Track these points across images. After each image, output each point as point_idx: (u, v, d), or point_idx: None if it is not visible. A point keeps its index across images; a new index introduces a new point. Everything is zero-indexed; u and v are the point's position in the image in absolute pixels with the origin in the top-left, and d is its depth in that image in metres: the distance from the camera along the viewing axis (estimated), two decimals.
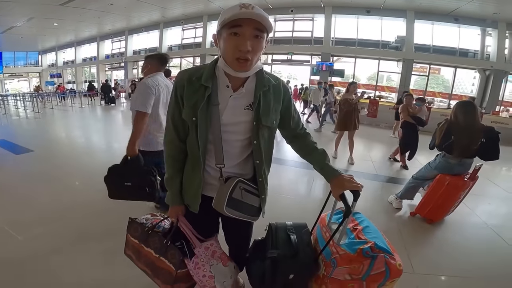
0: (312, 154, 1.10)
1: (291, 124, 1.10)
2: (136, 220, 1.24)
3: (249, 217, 1.09)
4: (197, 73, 0.93)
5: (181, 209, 1.11)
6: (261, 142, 0.99)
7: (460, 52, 12.45)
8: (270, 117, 0.97)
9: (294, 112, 1.10)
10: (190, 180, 1.04)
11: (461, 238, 2.38)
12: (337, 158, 4.67)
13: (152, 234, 1.17)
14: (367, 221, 1.14)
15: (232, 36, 0.81)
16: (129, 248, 1.26)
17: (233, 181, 0.97)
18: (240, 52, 0.82)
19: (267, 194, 1.13)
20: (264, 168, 1.07)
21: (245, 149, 1.02)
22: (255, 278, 1.22)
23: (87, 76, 23.35)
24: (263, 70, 0.97)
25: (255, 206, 1.09)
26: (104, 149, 5.34)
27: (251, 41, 0.81)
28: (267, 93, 0.96)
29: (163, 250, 1.12)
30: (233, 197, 0.98)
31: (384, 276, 0.91)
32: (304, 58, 14.43)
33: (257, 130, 0.96)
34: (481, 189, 3.42)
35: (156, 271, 1.16)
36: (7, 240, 2.02)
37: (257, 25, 0.81)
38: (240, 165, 1.04)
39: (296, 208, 2.72)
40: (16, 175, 3.52)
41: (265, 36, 0.85)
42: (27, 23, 14.25)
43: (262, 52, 0.90)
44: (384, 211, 2.84)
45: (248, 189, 1.03)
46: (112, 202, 2.71)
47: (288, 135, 1.15)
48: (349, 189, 0.97)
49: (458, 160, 2.44)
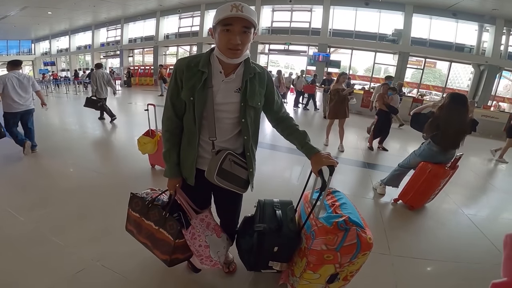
0: (294, 134, 1.24)
1: (274, 107, 1.24)
2: (137, 195, 1.34)
3: (237, 188, 1.22)
4: (194, 60, 1.10)
5: (178, 181, 1.23)
6: (248, 121, 1.14)
7: (456, 46, 12.51)
8: (255, 99, 1.13)
9: (277, 97, 1.26)
10: (187, 154, 1.18)
11: (437, 224, 2.52)
12: (328, 145, 4.80)
13: (152, 207, 1.28)
14: (345, 199, 1.27)
15: (225, 32, 0.98)
16: (130, 223, 1.36)
17: (223, 153, 1.12)
18: (231, 44, 0.98)
19: (255, 168, 1.26)
20: (252, 144, 1.21)
21: (235, 126, 1.17)
22: (243, 252, 1.35)
23: (81, 64, 23.00)
24: (250, 60, 1.13)
25: (243, 178, 1.22)
26: (97, 133, 5.41)
27: (240, 36, 0.98)
28: (253, 79, 1.13)
29: (162, 222, 1.23)
30: (223, 167, 1.12)
31: (356, 248, 1.03)
32: (301, 48, 14.38)
33: (245, 110, 1.12)
34: (462, 178, 3.59)
35: (155, 243, 1.27)
36: (10, 221, 2.11)
37: (245, 23, 0.97)
38: (231, 141, 1.19)
39: (285, 190, 2.85)
40: (15, 160, 3.60)
41: (252, 30, 1.01)
42: (20, 12, 13.93)
43: (253, 41, 1.07)
44: (369, 196, 2.99)
45: (237, 161, 1.18)
46: (108, 184, 2.86)
47: (272, 118, 1.29)
48: (325, 165, 1.10)
49: (440, 149, 2.55)
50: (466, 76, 13.64)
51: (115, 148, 4.37)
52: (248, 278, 1.66)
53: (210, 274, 1.65)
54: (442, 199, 2.91)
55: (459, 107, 2.49)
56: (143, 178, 3.05)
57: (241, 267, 1.54)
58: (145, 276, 1.63)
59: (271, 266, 1.31)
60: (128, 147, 3.91)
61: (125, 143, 4.51)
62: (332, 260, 1.06)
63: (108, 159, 3.89)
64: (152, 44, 17.22)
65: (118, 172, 3.23)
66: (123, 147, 4.24)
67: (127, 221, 1.38)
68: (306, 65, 14.06)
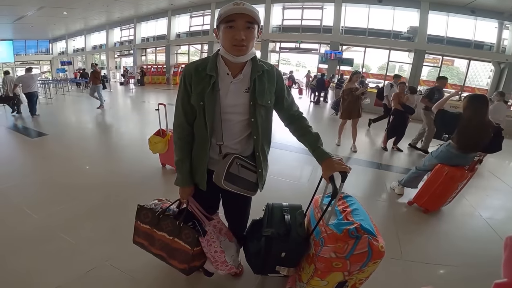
0: (306, 136, 1.19)
1: (284, 104, 1.20)
2: (145, 207, 1.31)
3: (245, 191, 1.19)
4: (202, 64, 1.09)
5: (191, 190, 1.21)
6: (258, 120, 1.12)
7: (475, 44, 12.01)
8: (265, 97, 1.10)
9: (287, 95, 1.21)
10: (199, 159, 1.16)
11: (453, 228, 2.43)
12: (340, 145, 4.72)
13: (164, 217, 1.25)
14: (357, 204, 1.22)
15: (228, 29, 0.97)
16: (140, 235, 1.33)
17: (230, 157, 1.10)
18: (236, 40, 0.97)
19: (265, 168, 1.23)
20: (262, 143, 1.18)
21: (245, 128, 1.15)
22: (251, 255, 1.33)
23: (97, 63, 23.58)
24: (257, 58, 1.11)
25: (252, 181, 1.19)
26: (113, 132, 5.52)
27: (244, 31, 0.96)
28: (261, 77, 1.10)
29: (177, 232, 1.21)
30: (231, 171, 1.10)
31: (367, 256, 0.99)
32: (313, 46, 14.20)
33: (254, 109, 1.09)
34: (481, 181, 3.45)
35: (171, 253, 1.24)
36: (24, 219, 2.17)
37: (248, 18, 0.95)
38: (242, 143, 1.16)
39: (295, 192, 2.81)
40: (33, 158, 3.72)
41: (256, 27, 0.99)
42: (37, 12, 14.36)
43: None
44: (383, 198, 2.92)
45: (245, 164, 1.15)
46: (119, 183, 2.90)
47: (284, 117, 1.25)
48: (338, 171, 1.05)
49: (460, 152, 2.43)
50: (486, 74, 13.10)
51: (127, 146, 4.44)
52: (255, 282, 1.65)
53: (217, 275, 1.64)
54: (458, 201, 2.80)
55: (479, 106, 2.37)
56: (154, 178, 3.09)
57: (248, 270, 1.52)
58: (152, 277, 1.64)
59: (278, 271, 1.29)
60: (140, 146, 3.96)
61: (137, 141, 4.57)
62: (341, 268, 1.02)
63: (120, 157, 3.96)
64: (164, 43, 17.43)
65: (130, 171, 3.28)
66: (136, 146, 4.29)
67: (134, 234, 1.35)
68: (318, 63, 13.89)
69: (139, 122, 6.54)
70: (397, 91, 4.78)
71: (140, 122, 6.54)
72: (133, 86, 15.33)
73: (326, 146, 1.15)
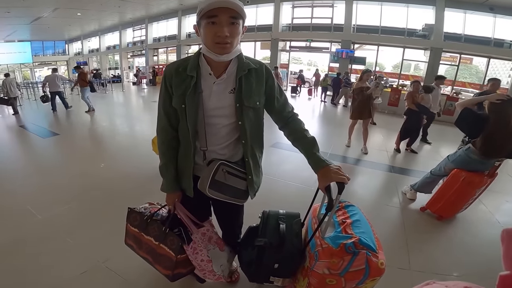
0: (300, 140, 1.09)
1: (276, 105, 1.10)
2: (134, 210, 1.29)
3: (234, 199, 1.12)
4: (183, 64, 1.01)
5: (177, 195, 1.16)
6: (246, 122, 1.03)
7: (495, 42, 11.46)
8: (252, 98, 1.01)
9: (279, 94, 1.11)
10: (184, 164, 1.10)
11: (468, 236, 2.27)
12: (350, 147, 4.56)
13: (151, 222, 1.22)
14: (359, 215, 1.12)
15: (210, 25, 0.88)
16: (130, 237, 1.32)
17: (215, 164, 1.02)
18: (219, 37, 0.88)
19: (256, 174, 1.15)
20: (252, 148, 1.09)
21: (233, 131, 1.06)
22: (244, 264, 1.26)
23: (111, 64, 24.13)
24: (243, 55, 1.02)
25: (241, 188, 1.12)
26: (125, 132, 5.57)
27: (227, 27, 0.88)
28: (248, 76, 1.01)
29: (162, 237, 1.18)
30: (216, 179, 1.02)
31: (363, 274, 0.90)
32: (324, 45, 13.95)
33: (241, 111, 1.01)
34: (501, 185, 3.22)
35: (157, 258, 1.22)
36: (28, 220, 2.18)
37: (232, 13, 0.87)
38: (229, 148, 1.08)
39: (302, 197, 2.67)
40: (43, 157, 3.79)
41: (241, 22, 0.91)
42: (52, 13, 14.76)
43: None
44: (393, 203, 2.77)
45: (232, 171, 1.06)
46: (126, 183, 2.88)
47: (277, 119, 1.15)
48: (334, 181, 0.95)
49: (481, 158, 2.23)
50: (506, 72, 12.47)
51: (134, 147, 4.45)
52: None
53: (210, 281, 1.58)
54: (475, 207, 2.62)
55: (507, 109, 2.13)
56: (158, 179, 3.02)
57: (244, 277, 1.46)
58: (146, 280, 1.61)
59: (272, 281, 1.21)
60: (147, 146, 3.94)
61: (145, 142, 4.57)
62: (335, 285, 0.93)
63: (127, 158, 3.94)
64: (175, 43, 17.60)
65: (135, 171, 3.27)
66: (143, 146, 4.28)
67: (126, 236, 1.34)
68: (329, 62, 13.64)
69: (148, 122, 6.57)
70: (411, 90, 4.56)
71: (149, 122, 6.57)
72: (145, 86, 15.57)
73: (336, 147, 1.05)
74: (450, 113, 7.95)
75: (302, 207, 1.37)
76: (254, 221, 1.34)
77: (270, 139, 3.62)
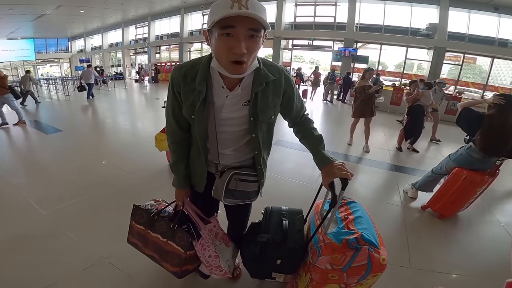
0: (308, 138, 1.11)
1: (293, 113, 1.09)
2: (140, 207, 1.28)
3: (246, 200, 1.14)
4: (191, 71, 0.91)
5: (186, 192, 1.17)
6: (259, 135, 1.00)
7: (499, 42, 11.39)
8: (267, 113, 0.95)
9: (298, 102, 1.07)
10: (196, 162, 1.10)
11: (469, 235, 2.28)
12: (352, 145, 4.56)
13: (158, 219, 1.22)
14: (361, 211, 1.13)
15: (224, 37, 0.74)
16: (134, 235, 1.31)
17: (228, 174, 1.03)
18: (235, 55, 0.75)
19: (265, 176, 1.16)
20: (263, 155, 1.09)
21: (244, 137, 1.04)
22: (247, 260, 1.27)
23: (113, 61, 24.18)
24: (261, 67, 0.90)
25: (252, 191, 1.13)
26: (128, 129, 5.59)
27: (245, 42, 0.74)
28: (266, 90, 0.92)
29: (170, 234, 1.17)
30: (230, 188, 1.04)
31: (365, 269, 0.91)
32: (326, 43, 13.91)
33: (255, 125, 0.96)
34: (502, 185, 3.22)
35: (164, 255, 1.21)
36: (32, 215, 2.20)
37: (253, 24, 0.72)
38: (239, 150, 1.07)
39: (304, 194, 2.69)
40: (46, 153, 3.81)
41: (262, 34, 0.77)
42: (55, 11, 14.80)
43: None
44: (394, 202, 2.78)
45: (243, 178, 1.07)
46: (129, 180, 2.91)
47: (289, 120, 1.17)
48: (338, 177, 0.96)
49: (482, 156, 2.24)
50: (509, 72, 12.41)
51: (137, 144, 4.47)
52: (252, 285, 1.59)
53: (213, 277, 1.60)
54: (476, 206, 2.62)
55: (506, 106, 2.13)
56: (161, 176, 3.06)
57: (246, 273, 1.47)
58: (149, 276, 1.62)
59: (274, 277, 1.23)
60: (150, 143, 3.96)
61: (147, 139, 4.60)
62: (337, 280, 0.95)
63: (129, 155, 3.94)
64: (177, 41, 17.60)
65: (138, 168, 3.27)
66: (145, 143, 4.30)
67: (129, 234, 1.33)
68: (332, 60, 13.59)
69: (151, 119, 6.61)
70: (409, 90, 4.59)
71: (152, 119, 6.60)
72: (148, 83, 15.61)
73: (338, 145, 1.06)
74: (452, 112, 7.92)
75: (304, 204, 1.38)
76: (257, 217, 1.36)
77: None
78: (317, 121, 7.25)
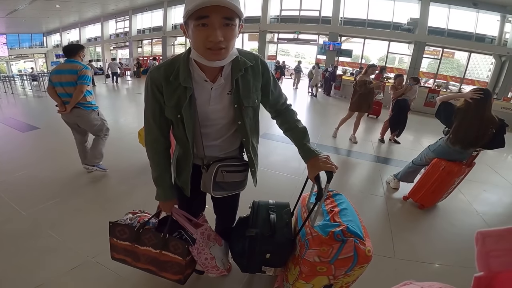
0: (292, 131, 1.10)
1: (270, 98, 1.08)
2: (118, 223, 1.21)
3: (234, 191, 1.13)
4: (171, 69, 0.91)
5: (174, 202, 1.15)
6: (246, 122, 1.01)
7: (477, 37, 11.89)
8: (251, 97, 0.98)
9: (274, 87, 1.07)
10: (183, 164, 1.08)
11: (448, 225, 2.37)
12: (337, 137, 4.63)
13: (144, 232, 1.16)
14: (346, 203, 1.15)
15: (200, 28, 0.76)
16: (119, 252, 1.23)
17: (214, 167, 1.02)
18: (211, 42, 0.77)
19: (257, 164, 1.15)
20: (252, 142, 1.09)
21: (230, 127, 1.04)
22: (236, 255, 1.28)
23: (92, 56, 23.26)
24: (237, 52, 0.92)
25: (238, 181, 1.12)
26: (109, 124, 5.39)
27: (221, 30, 0.76)
28: (245, 75, 0.94)
29: (162, 244, 1.13)
30: (217, 181, 1.04)
31: (352, 261, 0.93)
32: (311, 37, 14.01)
33: (240, 112, 0.98)
34: (479, 175, 3.38)
35: (162, 266, 1.18)
36: (12, 216, 2.11)
37: (226, 13, 0.74)
38: (226, 141, 1.07)
39: (292, 187, 2.72)
40: (23, 152, 3.63)
41: (237, 22, 0.79)
42: (29, 5, 14.04)
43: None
44: (378, 193, 2.86)
45: (230, 169, 1.07)
46: (114, 178, 2.83)
47: (270, 110, 1.15)
48: (323, 170, 0.96)
49: (459, 147, 2.35)
50: (486, 67, 12.99)
51: (120, 139, 4.33)
52: (243, 280, 1.60)
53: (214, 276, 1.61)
54: (455, 196, 2.74)
55: (478, 99, 2.24)
56: (146, 172, 2.96)
57: (236, 268, 1.48)
58: (138, 274, 1.57)
59: (264, 271, 1.24)
60: (134, 139, 3.86)
61: (131, 135, 4.48)
62: (325, 272, 0.97)
63: (113, 151, 3.81)
64: (160, 35, 17.16)
65: (122, 165, 3.19)
66: (129, 139, 4.19)
67: (112, 251, 1.25)
68: (316, 54, 13.72)
69: (133, 114, 6.42)
70: (394, 84, 4.70)
71: (134, 114, 6.42)
72: (129, 77, 15.18)
73: (323, 138, 1.07)
74: (431, 105, 8.17)
75: (292, 197, 1.39)
76: (244, 212, 1.36)
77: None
78: (301, 113, 7.31)
